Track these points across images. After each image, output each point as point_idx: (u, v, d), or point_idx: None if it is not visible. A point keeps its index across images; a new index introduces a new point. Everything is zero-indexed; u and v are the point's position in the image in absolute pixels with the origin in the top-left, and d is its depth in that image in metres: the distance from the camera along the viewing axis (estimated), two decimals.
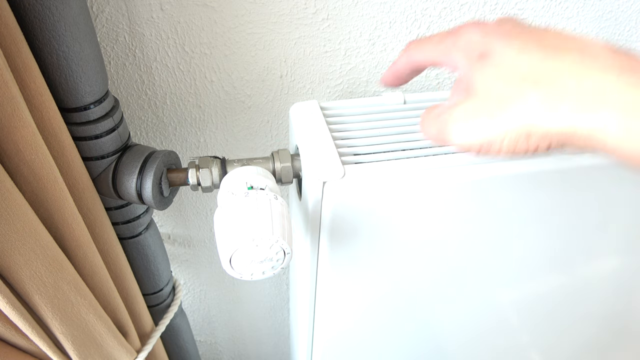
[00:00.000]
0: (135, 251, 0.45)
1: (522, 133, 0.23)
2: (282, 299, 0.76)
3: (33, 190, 0.32)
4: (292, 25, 0.45)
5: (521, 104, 0.23)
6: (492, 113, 0.24)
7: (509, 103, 0.24)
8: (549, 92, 0.22)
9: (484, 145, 0.25)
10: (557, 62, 0.23)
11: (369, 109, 0.43)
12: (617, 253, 0.50)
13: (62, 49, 0.32)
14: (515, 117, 0.23)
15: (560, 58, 0.23)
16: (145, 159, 0.38)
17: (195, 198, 0.58)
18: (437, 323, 0.53)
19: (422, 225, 0.41)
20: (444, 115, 0.27)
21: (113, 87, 0.46)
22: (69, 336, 0.38)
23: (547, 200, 0.42)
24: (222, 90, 0.48)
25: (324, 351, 0.51)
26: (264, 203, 0.32)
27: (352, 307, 0.47)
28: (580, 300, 0.55)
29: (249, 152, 0.55)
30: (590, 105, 0.21)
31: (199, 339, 0.80)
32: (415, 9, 0.46)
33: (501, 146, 0.24)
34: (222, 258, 0.32)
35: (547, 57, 0.23)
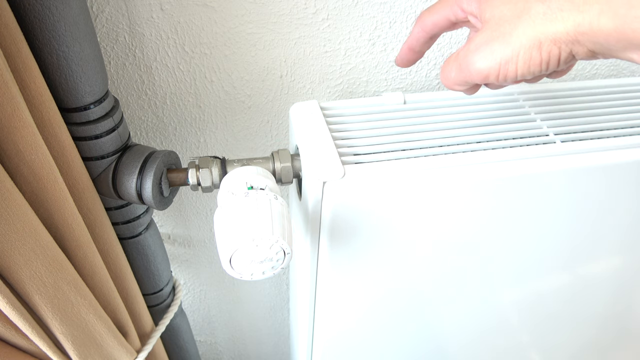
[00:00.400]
0: (135, 251, 0.45)
1: (533, 45, 0.26)
2: (282, 299, 0.76)
3: (33, 190, 0.32)
4: (292, 25, 0.45)
5: (527, 19, 0.26)
6: (504, 34, 0.27)
7: (517, 22, 0.26)
8: (550, 3, 0.25)
9: (502, 66, 0.27)
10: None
11: (369, 109, 0.43)
12: (618, 253, 0.50)
13: (62, 49, 0.32)
14: (525, 31, 0.26)
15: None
16: (145, 159, 0.38)
17: (195, 198, 0.58)
18: (438, 323, 0.53)
19: (422, 226, 0.41)
20: (462, 52, 0.29)
21: (113, 87, 0.46)
22: (69, 336, 0.38)
23: (547, 201, 0.42)
24: (222, 90, 0.48)
25: (324, 351, 0.51)
26: (264, 203, 0.32)
27: (352, 308, 0.47)
28: (581, 300, 0.55)
29: (249, 152, 0.55)
30: (584, 4, 0.24)
31: (199, 339, 0.80)
32: (415, 9, 0.46)
33: (517, 64, 0.27)
34: (222, 258, 0.32)
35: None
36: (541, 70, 0.27)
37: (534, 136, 0.41)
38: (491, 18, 0.28)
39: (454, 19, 0.32)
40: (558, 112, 0.43)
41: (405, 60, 0.38)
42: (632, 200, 0.44)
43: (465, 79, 0.30)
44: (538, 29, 0.26)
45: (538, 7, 0.26)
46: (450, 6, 0.32)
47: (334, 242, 0.40)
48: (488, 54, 0.28)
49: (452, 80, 0.31)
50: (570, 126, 0.42)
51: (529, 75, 0.27)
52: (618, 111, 0.44)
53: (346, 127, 0.41)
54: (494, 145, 0.40)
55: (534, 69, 0.27)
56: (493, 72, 0.28)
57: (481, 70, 0.28)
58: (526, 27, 0.26)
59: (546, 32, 0.25)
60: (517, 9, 0.27)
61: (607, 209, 0.44)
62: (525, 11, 0.26)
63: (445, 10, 0.32)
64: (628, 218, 0.46)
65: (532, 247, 0.46)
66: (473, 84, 0.31)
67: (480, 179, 0.38)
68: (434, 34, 0.34)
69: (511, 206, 0.41)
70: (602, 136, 0.41)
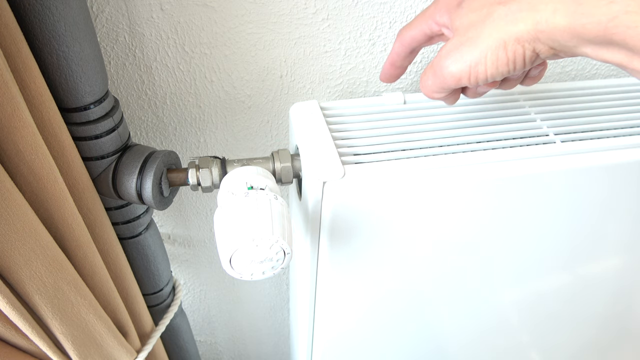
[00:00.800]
0: (135, 251, 0.45)
1: (499, 45, 0.28)
2: (282, 299, 0.76)
3: (33, 190, 0.32)
4: (292, 25, 0.45)
5: (491, 22, 0.28)
6: (472, 38, 0.29)
7: (482, 26, 0.28)
8: (511, 5, 0.27)
9: (472, 68, 0.29)
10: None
11: (369, 109, 0.43)
12: (618, 253, 0.50)
13: (62, 49, 0.32)
14: (490, 34, 0.28)
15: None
16: (145, 159, 0.38)
17: (195, 198, 0.58)
18: (438, 323, 0.53)
19: (422, 226, 0.41)
20: (435, 60, 0.31)
21: (113, 87, 0.46)
22: (69, 336, 0.38)
23: (547, 201, 0.42)
24: (222, 90, 0.48)
25: (324, 351, 0.51)
26: (264, 203, 0.32)
27: (352, 308, 0.47)
28: (581, 300, 0.55)
29: (249, 152, 0.55)
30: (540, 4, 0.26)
31: (199, 339, 0.80)
32: (415, 9, 0.46)
33: (486, 64, 0.28)
34: (222, 258, 0.32)
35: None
36: (509, 69, 0.28)
37: (534, 136, 0.41)
38: (460, 25, 0.30)
39: (430, 32, 0.34)
40: (558, 112, 0.43)
41: (388, 76, 0.40)
42: (632, 200, 0.44)
43: (441, 85, 0.32)
44: (502, 30, 0.27)
45: (500, 10, 0.27)
46: (425, 20, 0.34)
47: (334, 242, 0.40)
48: (458, 58, 0.29)
49: (430, 88, 0.33)
50: (570, 126, 0.42)
51: (498, 75, 0.29)
52: (618, 111, 0.44)
53: (346, 127, 0.41)
54: (494, 145, 0.40)
55: (502, 69, 0.28)
56: (464, 75, 0.30)
57: (453, 73, 0.30)
58: (491, 30, 0.28)
59: (509, 32, 0.27)
60: (481, 14, 0.29)
61: (607, 209, 0.44)
62: (489, 15, 0.28)
63: (421, 25, 0.34)
64: (628, 218, 0.46)
65: (532, 247, 0.46)
66: (449, 89, 0.32)
67: (480, 179, 0.38)
68: (413, 49, 0.37)
69: (511, 206, 0.41)
70: (602, 136, 0.41)
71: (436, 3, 0.33)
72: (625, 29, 0.22)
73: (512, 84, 0.34)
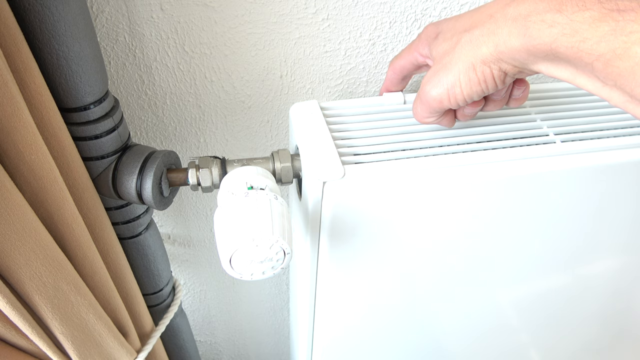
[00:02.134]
0: (135, 251, 0.45)
1: (468, 68, 0.31)
2: (282, 299, 0.76)
3: (33, 190, 0.32)
4: (292, 25, 0.45)
5: (459, 49, 0.31)
6: (446, 64, 0.32)
7: (453, 52, 0.32)
8: (474, 32, 0.31)
9: (449, 91, 0.32)
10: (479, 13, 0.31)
11: (369, 109, 0.43)
12: (618, 253, 0.50)
13: (62, 49, 0.32)
14: (459, 59, 0.31)
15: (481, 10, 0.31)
16: (145, 159, 0.38)
17: (195, 198, 0.58)
18: (438, 323, 0.53)
19: (422, 226, 0.41)
20: (420, 88, 0.35)
21: (113, 87, 0.46)
22: (69, 336, 0.38)
23: (547, 201, 0.42)
24: (222, 90, 0.48)
25: (324, 351, 0.51)
26: (264, 203, 0.32)
27: (353, 308, 0.47)
28: (581, 300, 0.55)
29: (249, 152, 0.55)
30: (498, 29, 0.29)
31: (199, 339, 0.80)
32: (415, 9, 0.46)
33: (461, 85, 0.32)
34: (222, 258, 0.32)
35: (473, 13, 0.32)
36: (482, 88, 0.32)
37: (534, 136, 0.41)
38: (436, 54, 0.34)
39: (416, 62, 0.39)
40: (558, 112, 0.43)
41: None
42: (632, 201, 0.44)
43: (427, 109, 0.35)
44: (469, 54, 0.31)
45: (466, 37, 0.31)
46: (411, 52, 0.38)
47: (334, 242, 0.40)
48: (437, 83, 0.33)
49: (420, 114, 0.36)
50: (570, 126, 0.42)
51: (474, 94, 0.32)
52: (618, 111, 0.44)
53: (346, 127, 0.41)
54: (494, 145, 0.40)
55: (475, 88, 0.32)
56: (444, 97, 0.33)
57: (434, 97, 0.33)
58: (460, 55, 0.31)
59: (475, 55, 0.30)
60: (452, 42, 0.32)
61: (607, 209, 0.44)
62: (457, 42, 0.32)
63: (408, 56, 0.39)
64: (628, 218, 0.46)
65: (532, 247, 0.46)
66: (436, 112, 0.35)
67: (480, 179, 0.38)
68: (404, 76, 0.41)
69: (511, 206, 0.41)
70: (602, 136, 0.41)
71: (419, 37, 0.37)
72: (565, 49, 0.26)
73: (496, 105, 0.36)
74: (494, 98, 0.36)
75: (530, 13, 0.27)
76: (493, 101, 0.36)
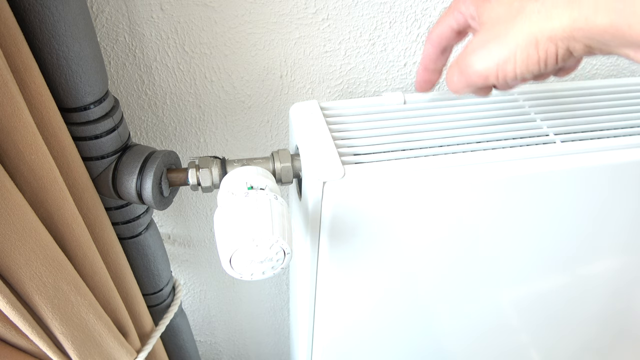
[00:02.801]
0: (135, 251, 0.45)
1: (529, 43, 0.26)
2: (282, 299, 0.76)
3: (33, 190, 0.32)
4: (292, 25, 0.45)
5: (521, 18, 0.26)
6: (500, 35, 0.27)
7: (511, 21, 0.27)
8: (544, 1, 0.25)
9: (500, 67, 0.27)
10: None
11: (369, 109, 0.43)
12: (618, 253, 0.50)
13: (62, 49, 0.32)
14: (519, 31, 0.26)
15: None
16: (145, 159, 0.38)
17: (195, 198, 0.58)
18: (438, 323, 0.53)
19: (422, 226, 0.41)
20: (461, 56, 0.30)
21: (113, 87, 0.46)
22: (69, 336, 0.38)
23: (547, 201, 0.42)
24: (222, 90, 0.48)
25: (324, 351, 0.51)
26: (264, 203, 0.32)
27: (353, 308, 0.47)
28: (581, 300, 0.55)
29: (249, 152, 0.55)
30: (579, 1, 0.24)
31: (199, 339, 0.80)
32: (415, 9, 0.46)
33: (515, 62, 0.27)
34: (222, 258, 0.32)
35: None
36: (540, 68, 0.27)
37: (534, 136, 0.41)
38: (487, 20, 0.29)
39: (457, 26, 0.33)
40: (558, 112, 0.43)
41: (423, 83, 0.38)
42: (632, 200, 0.44)
43: (467, 82, 0.30)
44: (533, 27, 0.26)
45: (532, 6, 0.26)
46: (450, 14, 0.32)
47: (334, 242, 0.40)
48: (485, 55, 0.28)
49: (456, 85, 0.31)
50: (570, 126, 0.42)
51: (528, 74, 0.27)
52: (618, 111, 0.44)
53: (346, 127, 0.41)
54: (494, 145, 0.40)
55: (532, 68, 0.27)
56: (492, 73, 0.28)
57: (480, 71, 0.29)
58: (522, 26, 0.26)
59: (542, 29, 0.25)
60: (512, 9, 0.27)
61: (607, 209, 0.44)
62: (520, 10, 0.26)
63: (447, 19, 0.33)
64: (628, 218, 0.46)
65: (532, 247, 0.46)
66: (476, 86, 0.31)
67: (480, 179, 0.38)
68: (443, 47, 0.35)
69: (511, 206, 0.41)
70: (602, 136, 0.41)
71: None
72: None
73: (543, 77, 0.32)
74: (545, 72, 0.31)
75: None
76: (543, 75, 0.31)
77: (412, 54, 0.49)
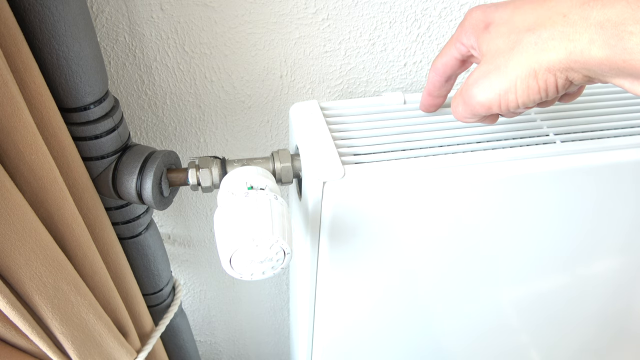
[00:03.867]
0: (135, 251, 0.45)
1: (529, 74, 0.27)
2: (282, 299, 0.76)
3: (33, 190, 0.32)
4: (292, 25, 0.45)
5: (520, 50, 0.27)
6: (500, 66, 0.28)
7: (510, 53, 0.27)
8: (541, 33, 0.26)
9: (502, 97, 0.28)
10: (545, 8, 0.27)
11: (369, 109, 0.43)
12: (618, 253, 0.50)
13: (62, 49, 0.32)
14: (518, 62, 0.27)
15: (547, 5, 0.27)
16: (145, 159, 0.38)
17: (195, 198, 0.58)
18: (438, 323, 0.53)
19: (422, 226, 0.41)
20: (464, 86, 0.31)
21: (113, 87, 0.46)
22: (69, 336, 0.38)
23: (547, 201, 0.42)
24: (222, 90, 0.48)
25: (324, 351, 0.51)
26: (264, 203, 0.32)
27: (353, 308, 0.47)
28: (581, 300, 0.55)
29: (249, 152, 0.55)
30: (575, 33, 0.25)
31: (199, 339, 0.80)
32: (415, 9, 0.46)
33: (516, 93, 0.28)
34: (222, 258, 0.32)
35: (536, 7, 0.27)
36: (541, 97, 0.27)
37: (534, 136, 0.41)
38: (487, 51, 0.29)
39: (460, 56, 0.34)
40: (558, 112, 0.43)
41: (427, 106, 0.40)
42: (632, 200, 0.44)
43: (471, 112, 0.31)
44: (531, 59, 0.26)
45: (529, 38, 0.27)
46: (453, 44, 0.33)
47: (334, 242, 0.40)
48: (487, 86, 0.29)
49: (461, 115, 0.32)
50: (570, 126, 0.42)
51: (530, 103, 0.28)
52: (618, 111, 0.44)
53: (346, 127, 0.41)
54: (494, 145, 0.40)
55: (534, 97, 0.28)
56: (494, 103, 0.29)
57: (482, 102, 0.29)
58: (520, 58, 0.27)
59: (540, 61, 0.26)
60: (510, 41, 0.28)
61: (607, 209, 0.44)
62: (517, 42, 0.27)
63: (450, 50, 0.34)
64: (628, 218, 0.46)
65: (531, 247, 0.46)
66: (481, 115, 0.31)
67: (480, 179, 0.38)
68: (448, 76, 0.36)
69: (511, 206, 0.41)
70: (602, 136, 0.41)
71: (462, 25, 0.32)
72: None
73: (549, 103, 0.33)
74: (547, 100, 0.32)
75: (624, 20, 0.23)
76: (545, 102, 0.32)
77: (412, 54, 0.49)
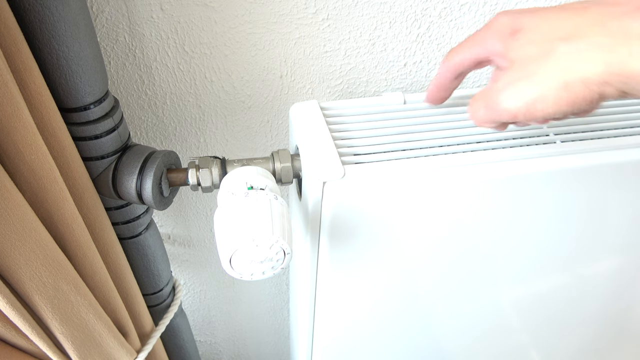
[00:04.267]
0: (135, 251, 0.45)
1: (560, 86, 0.25)
2: (282, 299, 0.76)
3: (33, 190, 0.32)
4: (292, 25, 0.45)
5: (553, 59, 0.26)
6: (531, 74, 0.27)
7: (543, 62, 0.26)
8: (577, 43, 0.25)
9: (530, 106, 0.27)
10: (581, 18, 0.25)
11: (369, 109, 0.43)
12: (618, 253, 0.50)
13: (62, 49, 0.32)
14: (550, 71, 0.26)
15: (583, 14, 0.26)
16: (145, 159, 0.38)
17: (195, 198, 0.58)
18: (438, 323, 0.53)
19: (422, 226, 0.41)
20: (489, 91, 0.30)
21: (113, 87, 0.46)
22: (69, 336, 0.38)
23: (547, 201, 0.42)
24: (222, 90, 0.48)
25: (324, 351, 0.51)
26: (264, 203, 0.32)
27: (353, 308, 0.47)
28: (581, 300, 0.55)
29: (249, 152, 0.55)
30: (614, 45, 0.23)
31: (199, 339, 0.80)
32: (415, 9, 0.46)
33: (546, 102, 0.26)
34: (222, 258, 0.32)
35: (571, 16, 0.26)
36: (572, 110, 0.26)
37: (534, 136, 0.41)
38: (517, 58, 0.28)
39: (479, 59, 0.33)
40: None
41: (433, 99, 0.39)
42: (632, 200, 0.44)
43: (493, 118, 0.30)
44: (565, 70, 0.25)
45: (563, 47, 0.25)
46: (475, 46, 0.32)
47: (334, 242, 0.40)
48: (516, 94, 0.28)
49: (481, 119, 0.31)
50: (570, 126, 0.42)
51: (559, 114, 0.27)
52: (618, 111, 0.44)
53: (346, 127, 0.41)
54: (493, 145, 0.40)
55: (563, 109, 0.26)
56: (521, 112, 0.28)
57: (509, 109, 0.28)
58: (552, 68, 0.26)
59: (574, 72, 0.25)
60: (542, 49, 0.27)
61: (607, 209, 0.44)
62: (551, 51, 0.26)
63: (470, 50, 0.33)
64: (628, 218, 0.46)
65: (531, 247, 0.46)
66: (501, 122, 0.31)
67: (480, 179, 0.38)
68: (460, 73, 0.35)
69: (511, 206, 0.41)
70: (602, 136, 0.41)
71: (487, 29, 0.31)
72: None
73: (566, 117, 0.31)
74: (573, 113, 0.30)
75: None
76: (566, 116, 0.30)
77: (412, 54, 0.49)
